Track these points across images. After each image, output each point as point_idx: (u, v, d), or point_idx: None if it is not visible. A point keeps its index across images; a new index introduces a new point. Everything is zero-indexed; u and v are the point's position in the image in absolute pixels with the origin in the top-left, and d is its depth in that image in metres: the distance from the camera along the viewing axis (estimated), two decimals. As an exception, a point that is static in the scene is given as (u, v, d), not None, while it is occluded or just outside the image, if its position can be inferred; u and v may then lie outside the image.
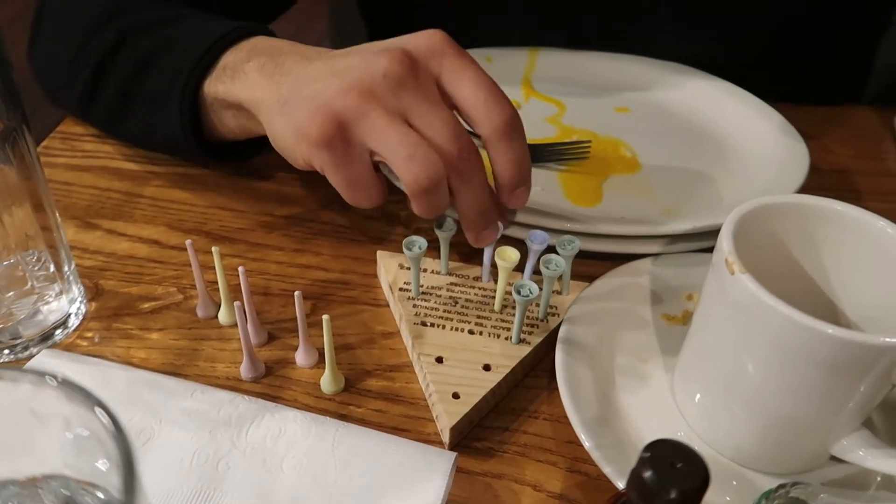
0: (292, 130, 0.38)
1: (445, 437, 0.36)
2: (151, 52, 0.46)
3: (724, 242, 0.32)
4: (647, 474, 0.23)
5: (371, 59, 0.36)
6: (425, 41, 0.37)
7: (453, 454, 0.34)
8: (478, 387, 0.37)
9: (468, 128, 0.38)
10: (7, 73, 0.33)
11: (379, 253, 0.45)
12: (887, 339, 0.29)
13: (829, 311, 0.36)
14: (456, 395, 0.36)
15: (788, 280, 0.34)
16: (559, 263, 0.39)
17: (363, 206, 0.39)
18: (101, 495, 0.19)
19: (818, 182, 0.53)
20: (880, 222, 0.33)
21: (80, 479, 0.20)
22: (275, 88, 0.39)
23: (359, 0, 0.77)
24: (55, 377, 0.17)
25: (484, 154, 0.38)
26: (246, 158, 0.51)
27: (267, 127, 0.40)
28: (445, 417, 0.36)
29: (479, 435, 0.37)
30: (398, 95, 0.36)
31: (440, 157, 0.35)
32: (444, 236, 0.41)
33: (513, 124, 0.37)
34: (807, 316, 0.29)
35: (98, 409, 0.16)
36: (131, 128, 0.50)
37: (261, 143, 0.45)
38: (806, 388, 0.31)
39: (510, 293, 0.41)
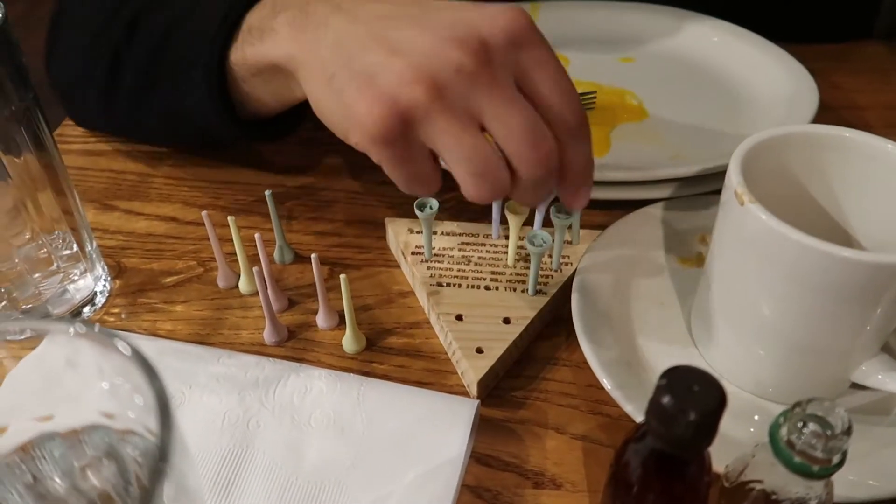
0: (343, 114, 0.34)
1: (473, 391, 0.37)
2: (167, 29, 0.44)
3: (733, 175, 0.32)
4: (666, 399, 0.24)
5: (442, 45, 0.31)
6: (506, 27, 0.32)
7: (476, 402, 0.35)
8: (500, 340, 0.37)
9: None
10: (15, 54, 0.34)
11: (387, 220, 0.45)
12: (901, 259, 0.29)
13: (841, 238, 0.36)
14: (479, 350, 0.37)
15: (799, 210, 0.34)
16: (569, 211, 0.39)
17: (419, 195, 0.37)
18: (139, 441, 0.20)
19: (827, 118, 0.52)
20: (889, 145, 0.33)
21: (119, 429, 0.21)
22: (312, 46, 0.35)
23: None
24: (84, 325, 0.18)
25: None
26: (282, 135, 0.47)
27: (309, 95, 0.37)
28: (472, 372, 0.36)
29: (500, 384, 0.38)
30: (472, 95, 0.31)
31: (515, 161, 0.32)
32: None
33: (584, 126, 0.34)
34: (819, 241, 0.29)
35: (122, 345, 0.17)
36: (155, 113, 0.47)
37: (296, 117, 0.42)
38: (822, 315, 0.32)
39: (522, 247, 0.42)
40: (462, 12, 0.33)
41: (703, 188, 0.46)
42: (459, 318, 0.39)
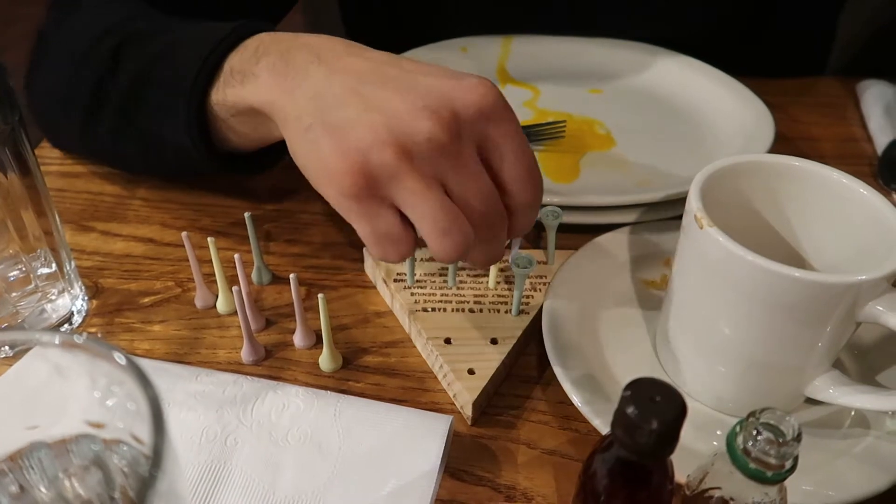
0: (317, 166, 0.35)
1: (468, 412, 0.37)
2: (151, 62, 0.44)
3: (693, 200, 0.34)
4: (630, 409, 0.25)
5: (415, 113, 0.33)
6: (478, 101, 0.34)
7: (450, 417, 0.36)
8: (490, 360, 0.38)
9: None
10: (2, 77, 0.34)
11: (366, 249, 0.46)
12: (849, 279, 0.31)
13: (794, 261, 0.38)
14: (471, 371, 0.38)
15: (756, 234, 0.36)
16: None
17: (391, 261, 0.36)
18: (125, 448, 0.21)
19: (785, 148, 0.55)
20: (835, 174, 0.35)
21: (108, 438, 0.22)
22: (291, 94, 0.36)
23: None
24: (81, 335, 0.19)
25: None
26: (264, 168, 0.48)
27: (287, 142, 0.37)
28: (466, 394, 0.37)
29: (473, 401, 0.39)
30: (438, 162, 0.33)
31: (470, 220, 0.34)
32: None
33: (537, 200, 0.37)
34: (773, 262, 0.31)
35: (118, 355, 0.18)
36: (135, 141, 0.47)
37: (276, 152, 0.43)
38: (777, 333, 0.33)
39: (502, 269, 0.43)
40: (437, 80, 0.35)
41: (667, 213, 0.48)
42: (448, 341, 0.40)
